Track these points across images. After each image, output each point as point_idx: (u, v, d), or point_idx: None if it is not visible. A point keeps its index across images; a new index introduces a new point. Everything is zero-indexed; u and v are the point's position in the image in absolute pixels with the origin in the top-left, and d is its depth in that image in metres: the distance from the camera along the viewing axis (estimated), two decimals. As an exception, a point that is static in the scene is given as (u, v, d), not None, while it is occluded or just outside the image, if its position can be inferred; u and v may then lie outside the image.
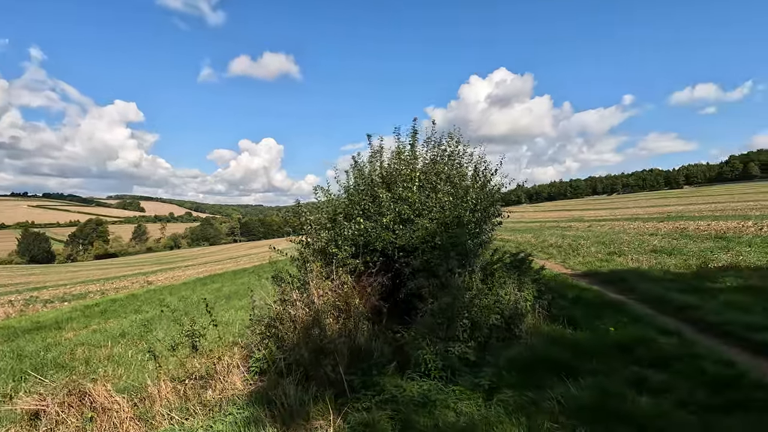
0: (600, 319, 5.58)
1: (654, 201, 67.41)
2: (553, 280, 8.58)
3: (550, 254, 14.97)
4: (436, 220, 5.46)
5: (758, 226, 15.64)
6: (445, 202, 5.59)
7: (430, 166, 7.40)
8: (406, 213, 5.71)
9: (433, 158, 7.97)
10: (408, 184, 6.12)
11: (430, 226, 5.36)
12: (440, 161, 7.75)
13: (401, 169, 6.55)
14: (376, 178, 7.21)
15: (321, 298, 4.81)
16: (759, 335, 4.59)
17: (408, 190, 6.22)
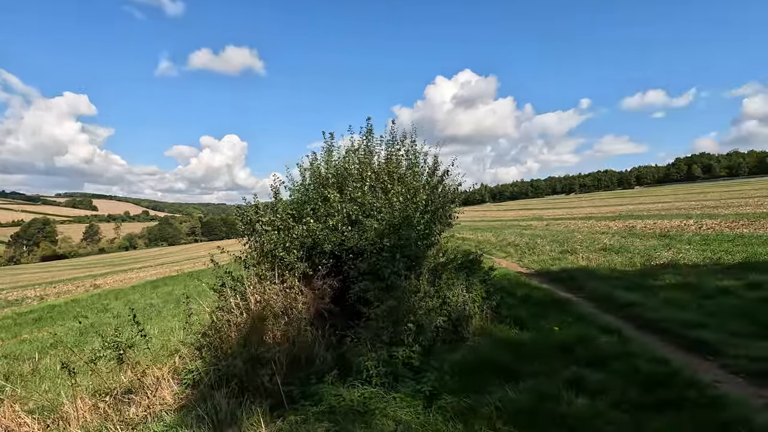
0: (546, 319, 5.64)
1: (608, 200, 70.74)
2: (506, 279, 8.69)
3: (508, 253, 15.27)
4: (385, 221, 5.32)
5: (698, 224, 16.61)
6: (395, 202, 5.46)
7: (384, 165, 7.28)
8: (354, 214, 5.54)
9: (388, 158, 7.86)
10: (357, 184, 5.96)
11: (378, 227, 5.21)
12: (394, 161, 7.65)
13: (350, 168, 6.38)
14: (329, 178, 7.01)
15: (259, 304, 4.55)
16: (693, 332, 4.75)
17: (358, 191, 6.06)
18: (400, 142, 7.94)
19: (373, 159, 7.82)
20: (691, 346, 4.56)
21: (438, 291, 5.00)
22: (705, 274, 7.69)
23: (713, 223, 16.26)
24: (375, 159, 7.81)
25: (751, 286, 6.32)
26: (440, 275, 5.28)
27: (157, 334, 8.65)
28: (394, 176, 6.53)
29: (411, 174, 7.56)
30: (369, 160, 7.48)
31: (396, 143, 8.02)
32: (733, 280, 6.85)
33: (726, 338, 4.48)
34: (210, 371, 4.21)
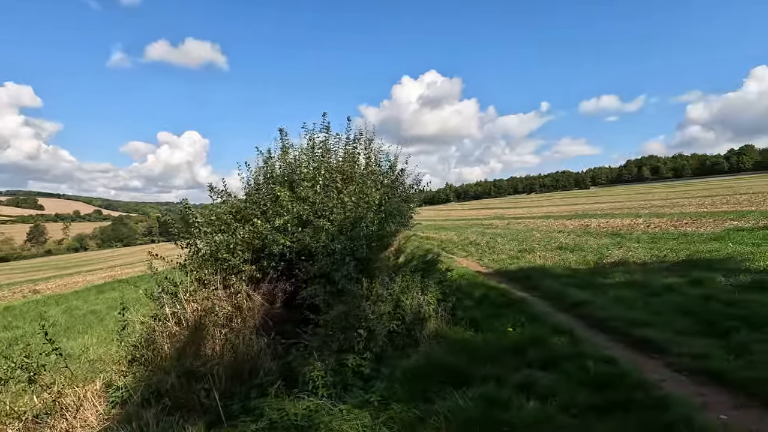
0: (501, 319, 5.61)
1: (566, 200, 73.64)
2: (465, 279, 8.68)
3: (469, 252, 15.41)
4: (337, 222, 5.10)
5: (647, 223, 17.45)
6: (348, 202, 5.25)
7: (341, 164, 7.05)
8: (305, 214, 5.28)
9: (345, 156, 7.62)
10: (307, 183, 5.70)
11: (330, 228, 4.98)
12: (350, 159, 7.43)
13: (301, 167, 6.11)
14: (279, 177, 6.70)
15: (196, 313, 4.21)
16: (640, 331, 4.84)
17: (310, 190, 5.80)
18: (357, 140, 7.73)
19: (331, 157, 7.57)
20: (638, 344, 4.63)
21: (392, 294, 4.83)
22: (652, 271, 7.98)
23: (660, 222, 17.12)
24: (333, 157, 7.57)
25: (693, 283, 6.58)
26: (394, 278, 5.12)
27: (95, 343, 8.01)
28: (350, 175, 6.32)
29: (368, 173, 7.38)
30: (326, 159, 7.23)
31: (353, 141, 7.81)
32: (678, 278, 7.13)
33: (670, 336, 4.58)
34: (140, 388, 3.84)
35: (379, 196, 5.49)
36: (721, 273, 7.03)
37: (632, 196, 53.88)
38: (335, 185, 6.06)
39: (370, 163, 8.16)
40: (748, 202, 21.46)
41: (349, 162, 7.30)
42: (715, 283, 6.47)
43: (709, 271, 7.26)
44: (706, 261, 8.21)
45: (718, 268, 7.43)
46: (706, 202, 26.05)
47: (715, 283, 6.47)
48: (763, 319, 4.57)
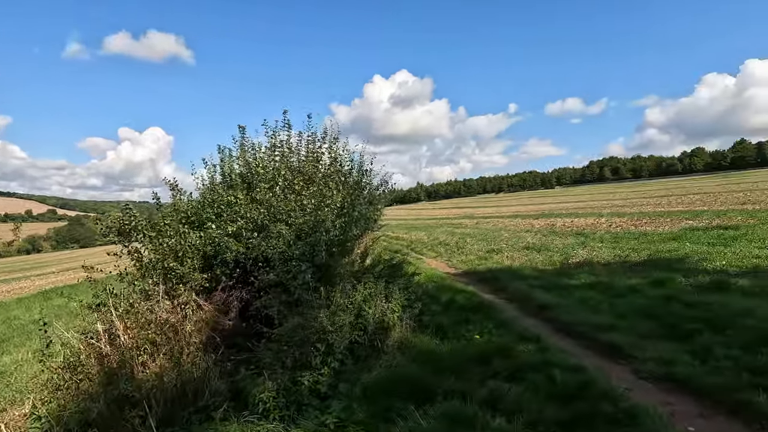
0: (468, 325, 5.43)
1: (533, 199, 75.49)
2: (433, 282, 8.50)
3: (438, 253, 15.31)
4: (295, 226, 4.76)
5: (609, 222, 17.92)
6: (307, 204, 4.92)
7: (302, 164, 6.70)
8: (260, 218, 4.91)
9: (308, 156, 7.27)
10: (265, 185, 5.33)
11: (286, 233, 4.64)
12: (313, 159, 7.09)
13: (259, 167, 5.72)
14: (236, 178, 6.28)
15: (130, 331, 3.77)
16: (605, 335, 4.76)
17: (267, 192, 5.43)
18: (321, 139, 7.40)
19: (292, 157, 7.21)
20: (605, 350, 4.55)
21: (353, 303, 4.55)
22: (616, 272, 8.06)
23: (621, 221, 17.62)
24: (295, 157, 7.21)
25: (655, 284, 6.64)
26: (356, 285, 4.83)
27: (32, 359, 7.28)
28: (312, 176, 5.99)
29: (332, 173, 7.07)
30: (286, 158, 6.86)
31: (318, 140, 7.48)
32: (640, 279, 7.19)
33: (636, 341, 4.52)
34: (64, 417, 3.38)
35: (341, 199, 5.18)
36: (681, 273, 7.16)
37: (595, 196, 55.82)
38: (295, 187, 5.71)
39: (334, 163, 7.85)
40: (700, 202, 22.49)
41: (312, 162, 6.97)
42: (675, 283, 6.55)
43: (669, 272, 7.38)
44: (666, 261, 8.38)
45: (678, 268, 7.57)
46: (663, 201, 27.17)
47: (675, 283, 6.55)
48: (724, 321, 4.58)
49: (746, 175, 70.28)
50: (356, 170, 7.96)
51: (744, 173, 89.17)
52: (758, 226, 11.09)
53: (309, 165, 6.73)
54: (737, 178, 60.29)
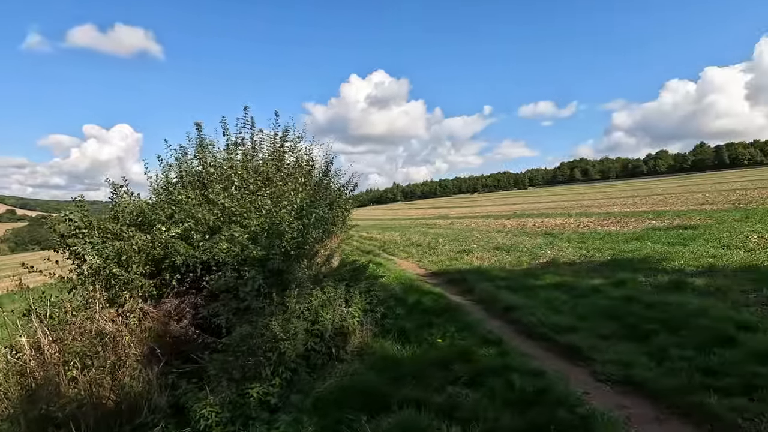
0: (432, 329, 5.31)
1: (506, 200, 76.82)
2: (401, 283, 8.37)
3: (410, 253, 15.23)
4: (249, 228, 4.52)
5: (577, 222, 18.32)
6: (262, 206, 4.68)
7: (263, 164, 6.45)
8: (212, 220, 4.64)
9: (273, 155, 7.02)
10: (218, 185, 5.06)
11: (239, 235, 4.39)
12: (276, 158, 6.85)
13: (208, 168, 5.45)
14: (189, 177, 5.97)
15: (57, 344, 3.46)
16: (566, 337, 4.74)
17: (222, 192, 5.16)
18: (283, 137, 7.16)
19: (255, 156, 6.94)
20: (565, 352, 4.52)
21: (310, 309, 4.35)
22: (580, 272, 8.15)
23: (588, 222, 18.04)
24: (257, 156, 6.94)
25: (617, 285, 6.72)
26: (313, 290, 4.63)
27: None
28: (269, 177, 5.75)
29: (295, 173, 6.84)
30: (245, 158, 6.58)
31: (281, 139, 7.24)
32: (603, 279, 7.29)
33: (595, 342, 4.51)
34: (-22, 442, 3.05)
35: (300, 200, 4.96)
36: (642, 273, 7.29)
37: (565, 197, 57.26)
38: (251, 187, 5.46)
39: (300, 162, 7.62)
40: (663, 203, 23.34)
41: (275, 161, 6.72)
42: (636, 283, 6.65)
43: (631, 272, 7.50)
44: (628, 261, 8.54)
45: (640, 268, 7.71)
46: (629, 202, 28.07)
47: (636, 283, 6.65)
48: (679, 321, 4.63)
49: (706, 177, 73.76)
50: (320, 170, 7.75)
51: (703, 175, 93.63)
52: (715, 225, 11.50)
53: (270, 164, 6.49)
54: (698, 180, 63.15)
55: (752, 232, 9.78)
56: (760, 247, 8.20)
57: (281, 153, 6.70)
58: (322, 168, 8.61)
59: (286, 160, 6.64)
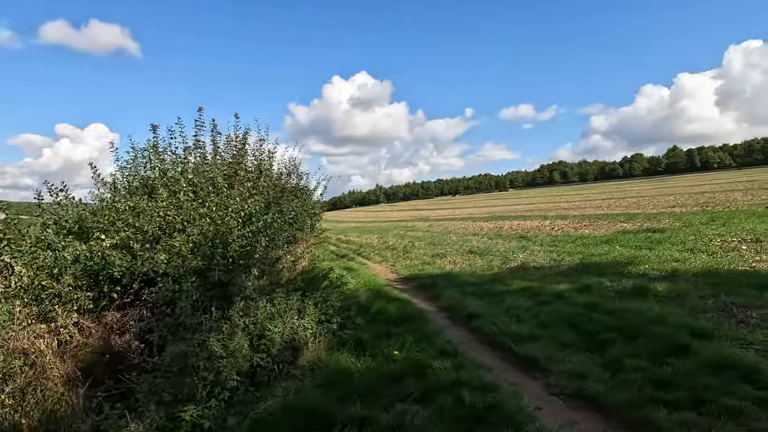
0: (391, 339, 5.13)
1: (487, 202, 77.55)
2: (368, 290, 8.17)
3: (384, 257, 15.04)
4: (193, 236, 4.26)
5: (552, 225, 18.45)
6: (206, 213, 4.43)
7: (214, 168, 6.17)
8: (152, 228, 4.37)
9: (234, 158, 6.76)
10: (164, 191, 4.79)
11: (179, 245, 4.13)
12: (235, 162, 6.58)
13: (157, 172, 5.16)
14: (137, 183, 5.66)
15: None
16: (525, 347, 4.63)
17: (170, 198, 4.88)
18: (243, 139, 6.90)
19: (217, 160, 6.67)
20: (522, 363, 4.41)
21: (256, 323, 4.12)
22: (548, 277, 8.12)
23: (563, 224, 18.20)
24: (213, 160, 6.67)
25: (581, 290, 6.69)
26: (258, 302, 4.40)
27: None
28: (221, 180, 5.49)
29: (248, 178, 6.59)
30: (199, 162, 6.30)
31: (241, 140, 6.97)
32: (569, 284, 7.26)
33: (553, 352, 4.41)
34: None
35: (249, 206, 4.72)
36: (608, 278, 7.29)
37: (543, 199, 58.10)
38: (200, 193, 5.19)
39: (261, 166, 7.38)
40: (636, 205, 23.80)
41: (232, 165, 6.46)
42: (601, 289, 6.63)
43: (597, 276, 7.50)
44: (596, 265, 8.55)
45: (606, 273, 7.72)
46: (604, 204, 28.56)
47: (601, 289, 6.63)
48: (636, 329, 4.58)
49: (678, 180, 76.06)
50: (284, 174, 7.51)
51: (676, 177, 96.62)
52: (682, 229, 11.70)
53: (221, 168, 6.22)
54: (671, 182, 65.05)
55: (716, 235, 9.96)
56: (721, 250, 8.32)
57: (239, 157, 6.44)
58: (286, 171, 8.37)
59: (244, 164, 6.38)
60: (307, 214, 8.50)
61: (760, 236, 9.08)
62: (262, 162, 7.34)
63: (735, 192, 24.37)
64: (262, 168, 6.99)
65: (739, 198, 19.50)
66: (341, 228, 38.80)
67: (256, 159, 6.97)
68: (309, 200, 8.69)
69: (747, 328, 4.49)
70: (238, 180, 6.17)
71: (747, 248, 8.24)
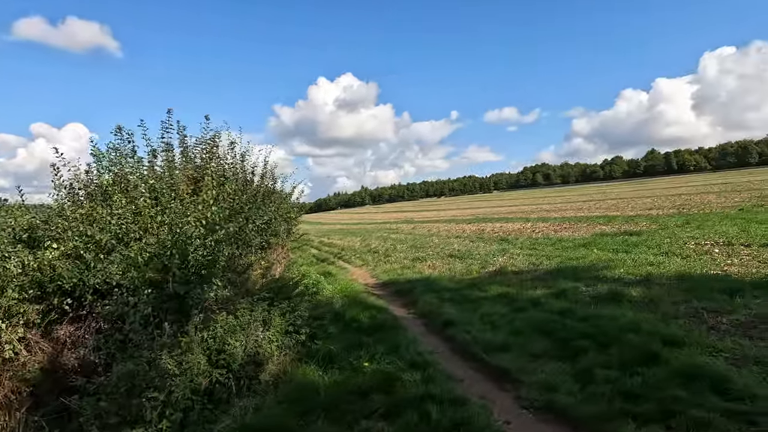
0: (362, 350, 4.96)
1: (471, 203, 78.12)
2: (345, 296, 7.99)
3: (365, 261, 14.87)
4: (150, 246, 4.04)
5: (533, 227, 18.58)
6: (163, 221, 4.21)
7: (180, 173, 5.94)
8: (106, 239, 4.12)
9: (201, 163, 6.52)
10: (122, 197, 4.55)
11: (136, 254, 3.90)
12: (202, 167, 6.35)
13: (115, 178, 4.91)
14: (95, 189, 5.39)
15: None
16: (497, 357, 4.53)
17: (128, 205, 4.64)
18: (211, 143, 6.67)
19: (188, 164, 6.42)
20: (494, 374, 4.31)
21: (215, 337, 3.91)
22: (525, 282, 8.06)
23: (544, 226, 18.34)
24: (188, 164, 6.43)
25: (557, 296, 6.65)
26: (216, 315, 4.19)
27: None
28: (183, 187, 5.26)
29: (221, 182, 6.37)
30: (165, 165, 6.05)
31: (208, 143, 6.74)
32: (545, 289, 7.22)
33: (525, 363, 4.32)
34: None
35: (212, 214, 4.51)
36: (583, 282, 7.27)
37: (526, 201, 58.78)
38: (162, 199, 4.95)
39: (233, 170, 7.15)
40: (615, 207, 24.18)
41: (200, 170, 6.23)
42: (576, 294, 6.60)
43: (574, 281, 7.47)
44: (573, 269, 8.55)
45: (582, 277, 7.71)
46: (584, 206, 28.95)
47: (576, 294, 6.60)
48: (609, 337, 4.52)
49: (656, 182, 77.92)
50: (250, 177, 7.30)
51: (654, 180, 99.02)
52: (657, 231, 11.86)
53: (194, 172, 5.99)
54: (649, 185, 66.53)
55: (690, 238, 10.09)
56: (695, 254, 8.41)
57: (207, 161, 6.21)
58: (260, 174, 8.15)
59: (211, 168, 6.14)
60: (283, 218, 8.28)
61: (732, 239, 9.23)
62: (234, 165, 7.10)
63: (709, 194, 24.97)
64: (232, 172, 6.75)
65: (713, 200, 19.97)
66: (325, 230, 38.44)
67: (225, 162, 6.73)
68: (284, 204, 8.46)
69: (717, 334, 4.47)
70: (205, 185, 5.94)
71: (719, 251, 8.35)
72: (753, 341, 4.21)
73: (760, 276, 6.29)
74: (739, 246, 8.51)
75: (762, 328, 4.46)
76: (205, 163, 6.20)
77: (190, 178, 5.75)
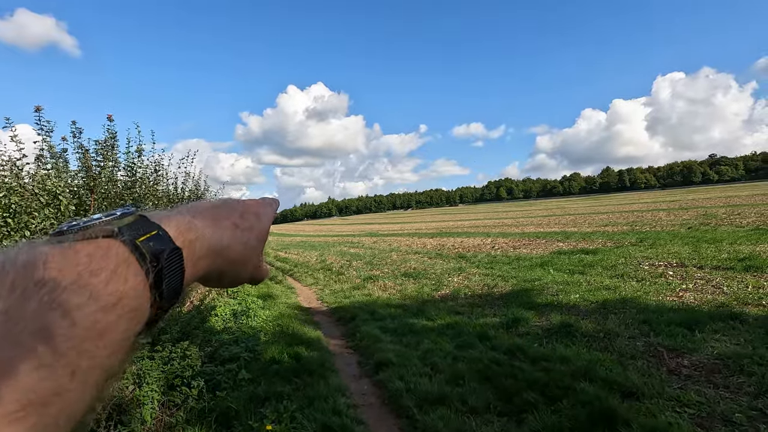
0: (271, 405, 4.06)
1: (436, 217, 78.45)
2: (278, 326, 7.02)
3: (317, 279, 13.92)
4: None
5: (493, 243, 18.26)
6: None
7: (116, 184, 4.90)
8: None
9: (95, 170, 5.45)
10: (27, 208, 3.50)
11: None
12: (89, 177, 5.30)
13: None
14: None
15: None
16: (431, 414, 3.74)
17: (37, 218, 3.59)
18: (110, 148, 5.63)
19: (116, 174, 5.37)
20: None
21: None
22: (476, 307, 7.43)
23: (503, 242, 18.06)
24: (119, 175, 5.38)
25: (509, 326, 6.04)
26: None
27: None
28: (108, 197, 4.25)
29: (123, 196, 5.36)
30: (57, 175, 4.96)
31: (107, 149, 5.69)
32: (497, 317, 6.60)
33: (462, 422, 3.57)
34: None
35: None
36: (537, 311, 6.72)
37: (489, 215, 59.59)
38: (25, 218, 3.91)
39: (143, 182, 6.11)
40: (572, 223, 24.44)
41: (89, 180, 5.19)
42: (528, 326, 6.00)
43: (527, 308, 6.91)
44: (527, 292, 8.01)
45: (536, 303, 7.17)
46: (544, 222, 29.24)
47: (528, 326, 6.00)
48: (561, 386, 3.87)
49: (610, 198, 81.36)
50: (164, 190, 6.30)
51: (608, 196, 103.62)
52: (613, 250, 11.67)
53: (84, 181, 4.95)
54: (604, 201, 69.28)
55: (644, 258, 9.88)
56: (650, 276, 8.09)
57: (98, 168, 5.18)
58: (181, 188, 7.14)
59: (102, 180, 5.11)
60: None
61: (684, 260, 9.04)
62: (144, 178, 6.07)
63: (660, 212, 25.74)
64: (139, 185, 5.73)
65: (663, 218, 20.45)
66: (286, 243, 36.93)
67: (128, 173, 5.71)
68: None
69: (679, 381, 3.91)
70: (94, 199, 4.91)
71: (673, 274, 8.07)
72: (718, 391, 3.67)
73: (716, 304, 5.92)
74: (692, 268, 8.27)
75: (725, 374, 3.95)
76: (94, 174, 5.16)
77: (72, 189, 4.71)
